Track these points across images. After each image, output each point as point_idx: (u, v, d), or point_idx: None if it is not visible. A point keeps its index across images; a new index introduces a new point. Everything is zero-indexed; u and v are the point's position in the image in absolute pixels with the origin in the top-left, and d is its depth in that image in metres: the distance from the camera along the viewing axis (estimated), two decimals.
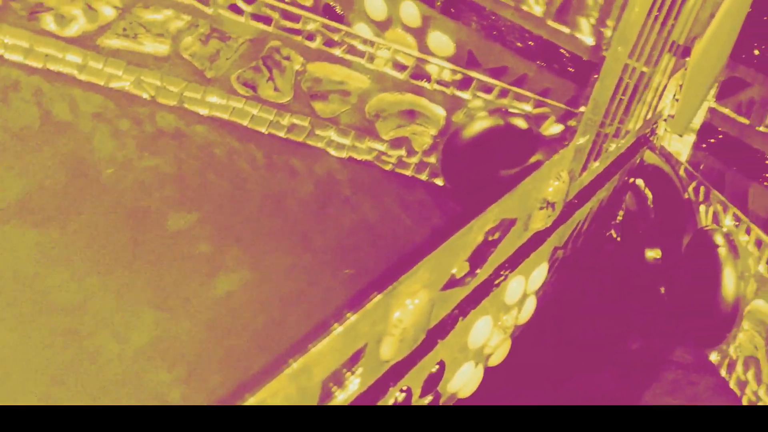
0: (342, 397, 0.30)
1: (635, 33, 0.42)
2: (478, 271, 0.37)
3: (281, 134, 0.51)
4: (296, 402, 0.27)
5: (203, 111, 0.51)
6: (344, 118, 0.51)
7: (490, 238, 0.37)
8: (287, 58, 0.49)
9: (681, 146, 0.54)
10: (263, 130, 0.51)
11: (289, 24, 0.48)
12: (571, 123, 0.50)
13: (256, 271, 0.44)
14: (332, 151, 0.51)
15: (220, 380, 0.39)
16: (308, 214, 0.48)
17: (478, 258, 0.36)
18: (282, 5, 0.48)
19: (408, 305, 0.31)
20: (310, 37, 0.49)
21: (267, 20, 0.49)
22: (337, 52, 0.49)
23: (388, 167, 0.52)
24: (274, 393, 0.26)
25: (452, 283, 0.35)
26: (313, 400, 0.28)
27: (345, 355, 0.29)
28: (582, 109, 0.43)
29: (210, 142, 0.50)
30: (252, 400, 0.25)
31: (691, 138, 0.53)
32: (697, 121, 0.52)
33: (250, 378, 0.26)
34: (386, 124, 0.51)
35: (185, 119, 0.50)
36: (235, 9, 0.48)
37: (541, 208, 0.40)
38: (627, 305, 0.50)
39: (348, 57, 0.49)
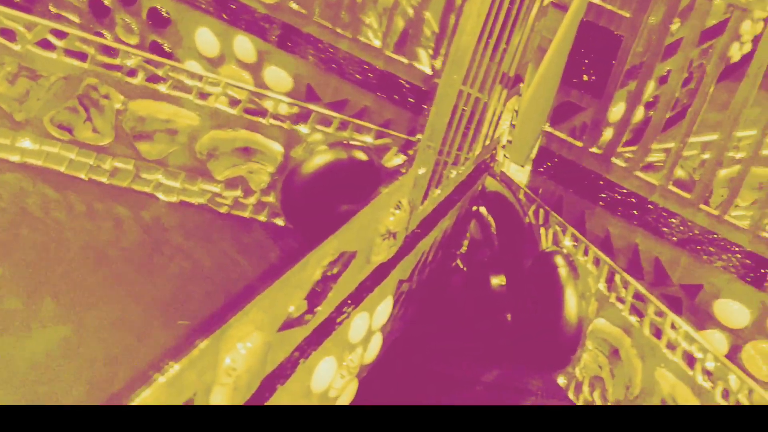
0: None
1: (467, 59, 0.42)
2: (317, 309, 0.35)
3: (103, 180, 0.47)
4: None
5: (14, 158, 0.46)
6: (173, 159, 0.48)
7: (329, 273, 0.35)
8: (106, 97, 0.46)
9: (520, 171, 0.54)
10: (83, 176, 0.47)
11: (107, 59, 0.45)
12: (411, 152, 0.50)
13: (77, 326, 0.40)
14: (161, 195, 0.48)
15: None
16: (135, 264, 0.45)
17: (316, 295, 0.34)
18: (98, 39, 0.45)
19: (240, 349, 0.29)
20: (131, 72, 0.46)
21: (82, 56, 0.45)
22: (162, 88, 0.46)
23: (223, 210, 0.49)
24: None
25: (290, 323, 0.33)
26: None
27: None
28: (419, 136, 0.42)
29: (22, 191, 0.46)
30: None
31: (528, 154, 0.53)
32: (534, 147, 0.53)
33: None
34: (220, 164, 0.49)
35: None
36: (45, 44, 0.45)
37: (383, 239, 0.39)
38: (476, 336, 0.50)
39: (174, 93, 0.46)
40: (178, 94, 0.46)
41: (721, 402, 0.36)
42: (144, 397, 0.25)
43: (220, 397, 0.29)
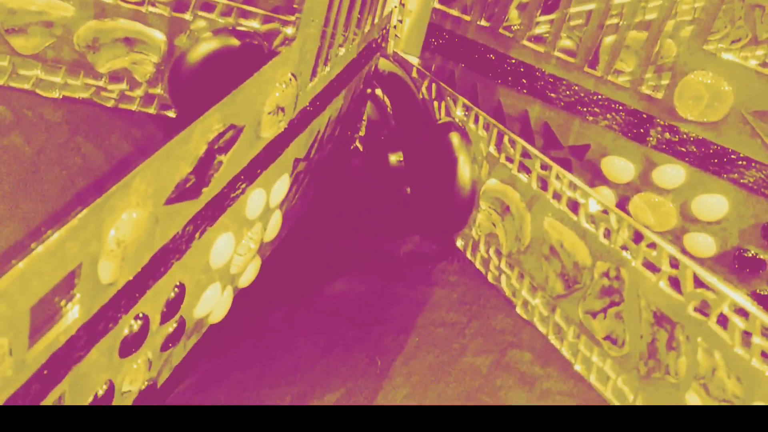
0: (62, 328, 0.27)
1: None
2: (207, 183, 0.34)
3: None
4: (0, 333, 0.24)
5: None
6: (51, 53, 0.46)
7: (216, 147, 0.35)
8: None
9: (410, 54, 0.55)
10: None
11: None
12: (293, 28, 0.49)
13: None
14: (41, 92, 0.46)
15: None
16: (21, 162, 0.44)
17: (204, 168, 0.34)
18: None
19: (125, 219, 0.29)
20: None
21: None
22: None
23: (109, 104, 0.48)
24: None
25: (179, 196, 0.33)
26: (22, 332, 0.25)
27: (53, 279, 0.26)
28: (296, 15, 0.41)
29: None
30: None
31: (419, 40, 0.53)
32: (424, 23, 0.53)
33: None
34: (101, 56, 0.47)
35: None
36: None
37: (270, 113, 0.38)
38: (374, 212, 0.51)
39: None
40: None
41: (605, 242, 0.37)
42: (23, 267, 0.25)
43: (107, 268, 0.29)
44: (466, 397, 0.38)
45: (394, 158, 0.53)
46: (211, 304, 0.38)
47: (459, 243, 0.46)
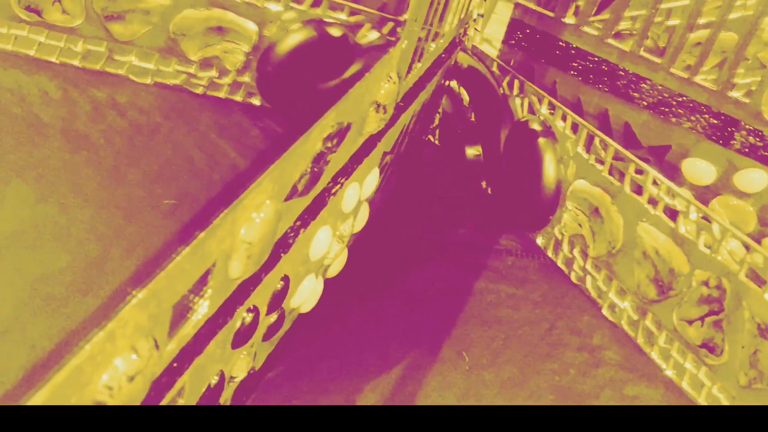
0: (191, 323, 0.28)
1: None
2: (318, 178, 0.35)
3: (75, 63, 0.46)
4: (148, 331, 0.25)
5: None
6: (145, 40, 0.47)
7: (329, 145, 0.35)
8: None
9: (490, 45, 0.55)
10: (54, 59, 0.46)
11: None
12: (384, 30, 0.50)
13: (63, 207, 0.40)
14: (135, 78, 0.47)
15: (42, 329, 0.36)
16: (116, 146, 0.44)
17: (317, 165, 0.35)
18: None
19: (255, 219, 0.30)
20: None
21: None
22: None
23: (198, 90, 0.49)
24: (124, 324, 0.24)
25: (296, 193, 0.34)
26: (164, 328, 0.26)
27: (194, 277, 0.27)
28: (405, 16, 0.42)
29: None
30: (101, 336, 0.23)
31: (499, 35, 0.54)
32: (505, 18, 0.53)
33: (85, 322, 0.23)
34: (193, 44, 0.48)
35: None
36: None
37: (374, 110, 0.39)
38: (452, 205, 0.51)
39: None
40: None
41: (705, 251, 0.38)
42: (171, 268, 0.25)
43: (236, 264, 0.29)
44: (557, 397, 0.39)
45: (471, 152, 0.53)
46: (306, 295, 0.39)
47: (539, 241, 0.47)
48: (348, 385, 0.39)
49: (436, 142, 0.56)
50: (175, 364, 0.29)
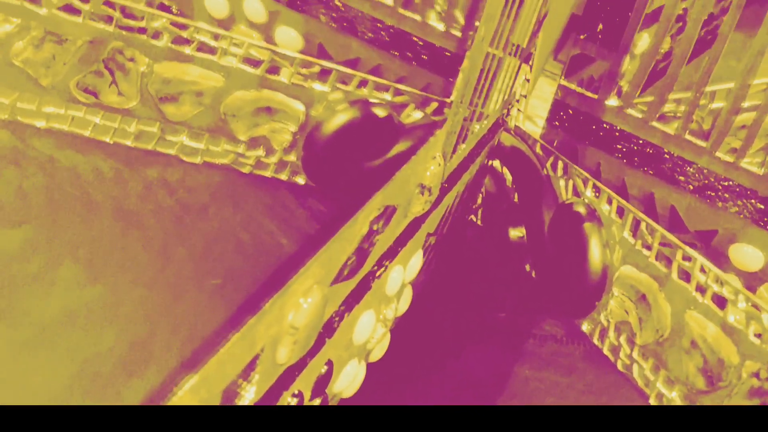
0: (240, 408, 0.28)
1: (494, 22, 0.43)
2: (364, 262, 0.35)
3: (128, 142, 0.47)
4: None
5: (40, 123, 0.46)
6: (196, 120, 0.48)
7: (375, 227, 0.36)
8: (131, 60, 0.46)
9: (534, 126, 0.55)
10: (107, 139, 0.47)
11: (131, 22, 0.45)
12: (428, 110, 0.50)
13: (111, 287, 0.40)
14: (185, 157, 0.48)
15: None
16: (164, 225, 0.45)
17: (364, 249, 0.35)
18: (123, 2, 0.45)
19: (302, 304, 0.30)
20: (156, 35, 0.45)
21: (107, 19, 0.45)
22: (187, 50, 0.46)
23: (246, 169, 0.50)
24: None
25: (342, 277, 0.34)
26: None
27: (243, 362, 0.27)
28: (452, 98, 0.42)
29: (50, 158, 0.46)
30: None
31: (543, 114, 0.54)
32: (549, 98, 0.54)
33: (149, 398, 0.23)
34: (242, 124, 0.49)
35: (19, 133, 0.46)
36: (70, 9, 0.45)
37: (420, 193, 0.39)
38: (496, 286, 0.51)
39: (199, 55, 0.46)
40: (203, 56, 0.46)
41: (755, 341, 0.37)
42: (222, 353, 0.25)
43: (284, 351, 0.30)
44: None
45: (515, 233, 0.53)
46: (349, 380, 0.39)
47: (585, 327, 0.46)
48: None
49: (479, 222, 0.56)
50: None
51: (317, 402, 0.36)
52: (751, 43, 0.46)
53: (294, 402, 0.33)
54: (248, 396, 0.29)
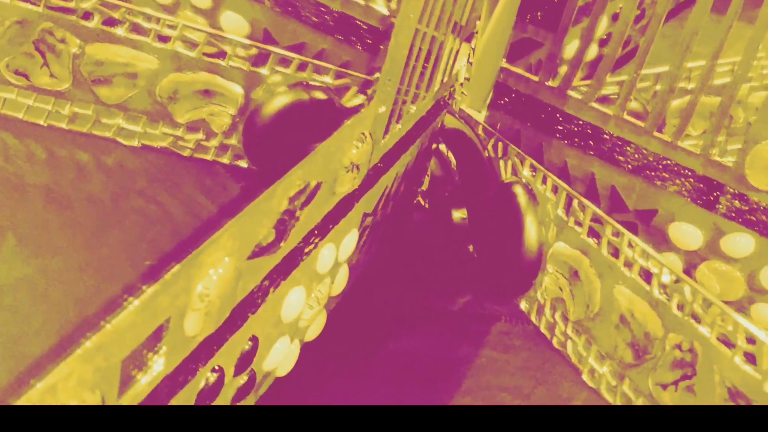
0: (146, 380, 0.28)
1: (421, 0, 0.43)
2: (285, 238, 0.35)
3: (63, 125, 0.47)
4: (94, 385, 0.25)
5: None
6: (133, 103, 0.48)
7: (296, 203, 0.36)
8: (62, 41, 0.45)
9: (476, 110, 0.55)
10: (41, 122, 0.47)
11: (61, 2, 0.45)
12: (370, 91, 0.50)
13: (42, 270, 0.40)
14: (122, 140, 0.48)
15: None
16: (99, 209, 0.45)
17: (284, 224, 0.35)
18: None
19: (212, 275, 0.29)
20: (87, 15, 0.45)
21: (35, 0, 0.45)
22: (119, 31, 0.46)
23: (186, 153, 0.50)
24: (67, 376, 0.23)
25: (259, 251, 0.34)
26: (113, 383, 0.26)
27: (145, 332, 0.27)
28: (377, 75, 0.42)
29: None
30: (41, 386, 0.23)
31: (486, 98, 0.54)
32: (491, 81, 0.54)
33: (35, 363, 0.23)
34: (180, 107, 0.49)
35: None
36: None
37: (347, 171, 0.39)
38: (440, 269, 0.51)
39: (132, 36, 0.46)
40: (136, 38, 0.46)
41: (678, 314, 0.37)
42: (119, 321, 0.25)
43: (193, 322, 0.29)
44: None
45: (458, 215, 0.53)
46: (280, 358, 0.39)
47: (523, 306, 0.46)
48: None
49: (426, 205, 0.56)
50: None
51: (243, 378, 0.36)
52: (685, 25, 0.46)
53: (213, 378, 0.33)
54: (156, 368, 0.29)
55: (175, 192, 0.48)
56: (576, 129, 0.51)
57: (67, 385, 0.24)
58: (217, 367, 0.33)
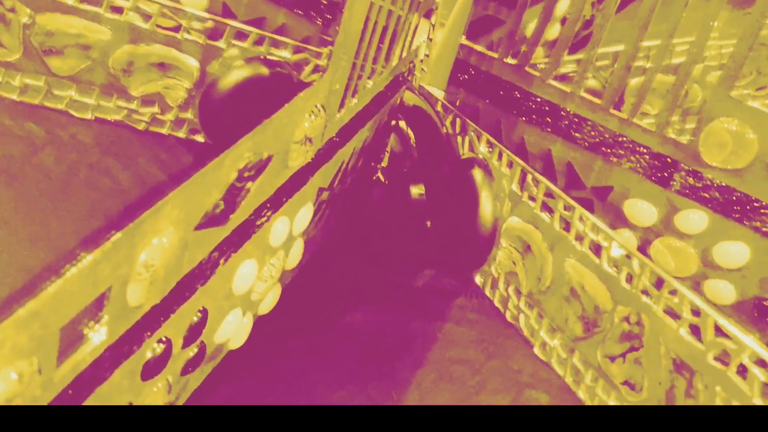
0: (89, 349, 0.28)
1: None
2: (235, 209, 0.35)
3: (13, 97, 0.46)
4: (30, 352, 0.24)
5: None
6: (86, 75, 0.47)
7: (246, 175, 0.35)
8: (12, 10, 0.45)
9: (436, 86, 0.55)
10: None
11: None
12: (323, 63, 0.50)
13: None
14: (75, 113, 0.47)
15: None
16: (51, 181, 0.44)
17: (233, 195, 0.35)
18: None
19: (155, 244, 0.29)
20: None
21: None
22: (70, 1, 0.45)
23: (140, 126, 0.49)
24: (0, 343, 0.23)
25: (208, 222, 0.33)
26: (51, 351, 0.26)
27: (84, 300, 0.26)
28: (330, 48, 0.42)
29: None
30: None
31: (445, 75, 0.54)
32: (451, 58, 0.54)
33: None
34: (135, 79, 0.48)
35: None
36: None
37: (299, 143, 0.39)
38: (396, 244, 0.51)
39: (83, 7, 0.45)
40: (87, 8, 0.45)
41: (626, 287, 0.37)
42: (56, 288, 0.25)
43: (136, 291, 0.29)
44: None
45: (416, 191, 0.53)
46: (232, 330, 0.39)
47: (478, 280, 0.47)
48: None
49: (385, 181, 0.56)
50: (70, 391, 0.28)
51: (193, 350, 0.36)
52: (642, 3, 0.46)
53: (160, 349, 0.33)
54: (98, 337, 0.28)
55: (129, 165, 0.47)
56: (534, 106, 0.51)
57: (0, 353, 0.23)
58: (164, 339, 0.33)
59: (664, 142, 0.47)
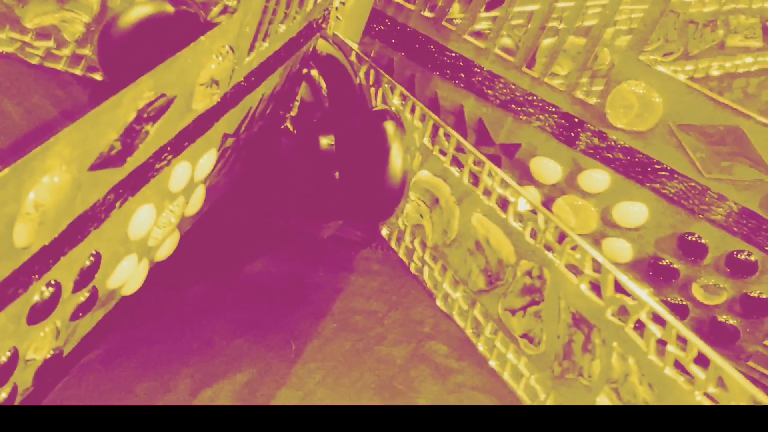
0: None
1: None
2: (133, 152, 0.33)
3: None
4: None
5: None
6: None
7: (146, 116, 0.34)
8: None
9: (351, 37, 0.54)
10: None
11: None
12: (233, 3, 0.48)
13: None
14: None
15: None
16: None
17: (131, 136, 0.33)
18: None
19: (45, 183, 0.28)
20: None
21: None
22: None
23: (34, 61, 0.46)
24: None
25: (103, 163, 0.32)
26: None
27: None
28: None
29: None
30: None
31: (361, 24, 0.53)
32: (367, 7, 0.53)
33: None
34: (29, 10, 0.45)
35: None
36: None
37: (204, 85, 0.37)
38: (303, 194, 0.50)
39: None
40: None
41: (531, 241, 0.38)
42: None
43: (23, 231, 0.27)
44: (379, 386, 0.38)
45: (326, 141, 0.52)
46: (126, 276, 0.37)
47: (384, 232, 0.46)
48: (164, 372, 0.37)
49: (294, 131, 0.55)
50: None
51: (84, 295, 0.35)
52: None
53: (49, 292, 0.31)
54: None
55: (21, 101, 0.44)
56: (448, 61, 0.50)
57: None
58: (53, 282, 0.31)
59: (573, 103, 0.47)
